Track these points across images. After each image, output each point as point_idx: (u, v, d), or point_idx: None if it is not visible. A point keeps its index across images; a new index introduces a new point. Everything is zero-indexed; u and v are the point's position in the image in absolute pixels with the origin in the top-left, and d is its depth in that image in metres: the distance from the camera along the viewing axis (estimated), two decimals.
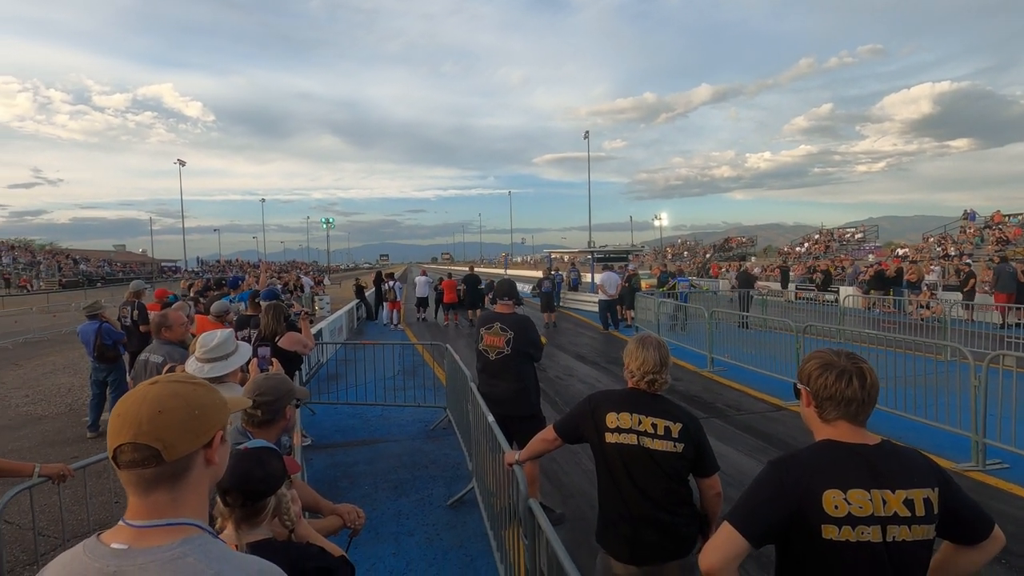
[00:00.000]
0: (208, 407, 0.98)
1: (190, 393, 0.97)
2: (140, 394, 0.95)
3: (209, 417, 0.98)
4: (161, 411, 0.92)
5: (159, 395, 0.94)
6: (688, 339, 11.00)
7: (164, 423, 0.91)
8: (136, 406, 0.93)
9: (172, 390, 0.96)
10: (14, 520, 4.08)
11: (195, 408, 0.96)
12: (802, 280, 23.20)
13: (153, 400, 0.93)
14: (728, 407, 7.02)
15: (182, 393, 0.96)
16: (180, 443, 0.92)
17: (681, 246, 61.46)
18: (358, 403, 7.32)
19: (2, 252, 48.30)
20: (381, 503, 4.49)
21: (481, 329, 4.20)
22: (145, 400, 0.93)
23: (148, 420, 0.91)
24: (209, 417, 0.98)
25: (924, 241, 31.24)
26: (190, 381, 1.01)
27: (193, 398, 0.97)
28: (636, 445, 2.18)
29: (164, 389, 0.96)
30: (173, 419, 0.92)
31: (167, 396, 0.94)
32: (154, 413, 0.91)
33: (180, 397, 0.95)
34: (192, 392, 0.98)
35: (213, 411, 0.99)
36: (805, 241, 41.61)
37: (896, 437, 5.54)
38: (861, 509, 1.33)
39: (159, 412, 0.92)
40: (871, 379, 1.44)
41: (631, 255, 23.41)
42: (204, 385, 1.02)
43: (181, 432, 0.93)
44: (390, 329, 16.01)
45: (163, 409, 0.92)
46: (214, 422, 0.99)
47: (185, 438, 0.93)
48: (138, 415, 0.91)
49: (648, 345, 2.28)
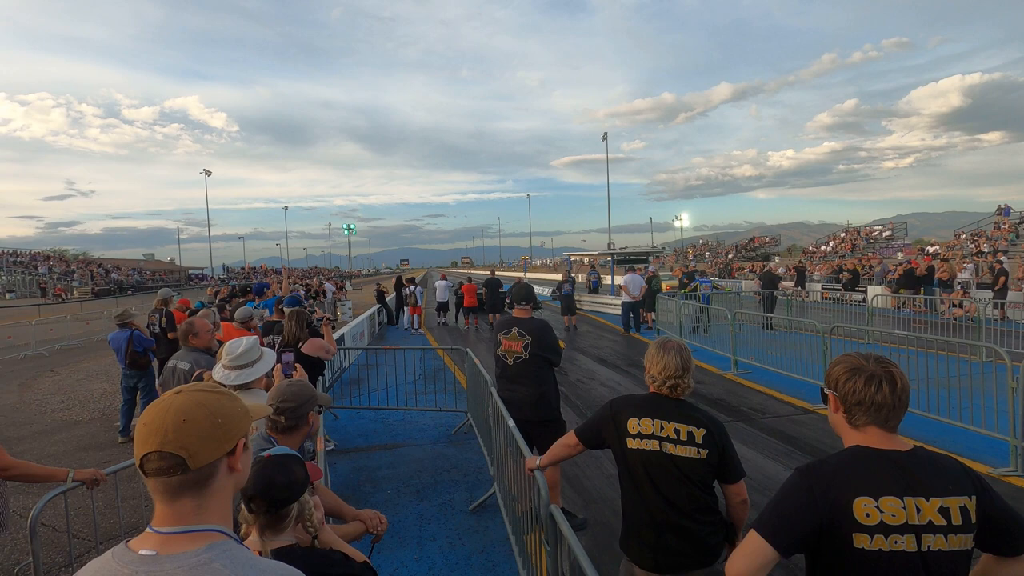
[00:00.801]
0: (231, 416, 1.01)
1: (213, 402, 1.00)
2: (166, 403, 0.97)
3: (232, 426, 1.00)
4: (186, 420, 0.94)
5: (184, 404, 0.97)
6: (711, 341, 10.84)
7: (188, 432, 0.94)
8: (162, 415, 0.95)
9: (196, 399, 0.98)
10: (50, 523, 4.21)
11: (218, 417, 0.98)
12: (828, 280, 22.73)
13: (178, 410, 0.95)
14: (753, 410, 6.90)
15: (206, 402, 0.98)
16: (204, 451, 0.95)
17: (702, 247, 60.75)
18: (380, 407, 7.37)
19: (38, 262, 50.00)
20: (403, 507, 4.51)
21: (499, 334, 4.20)
22: (170, 409, 0.95)
23: (173, 429, 0.93)
24: (232, 426, 1.00)
25: (956, 238, 30.32)
26: (213, 390, 1.03)
27: (216, 407, 0.99)
28: (659, 451, 2.15)
29: (188, 399, 0.98)
30: (197, 428, 0.95)
31: (191, 405, 0.97)
32: (179, 422, 0.94)
33: (204, 406, 0.98)
34: (216, 401, 1.00)
35: (236, 420, 1.01)
36: (831, 240, 40.75)
37: (930, 441, 5.42)
38: (894, 517, 1.29)
39: (184, 421, 0.94)
40: (902, 383, 1.39)
41: (651, 257, 23.21)
42: (227, 394, 1.04)
43: (205, 441, 0.95)
44: (411, 333, 16.12)
45: (188, 418, 0.95)
46: (237, 430, 1.01)
47: (209, 446, 0.95)
48: (164, 424, 0.94)
49: (669, 349, 2.25)
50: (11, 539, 4.13)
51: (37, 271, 46.93)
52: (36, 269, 47.48)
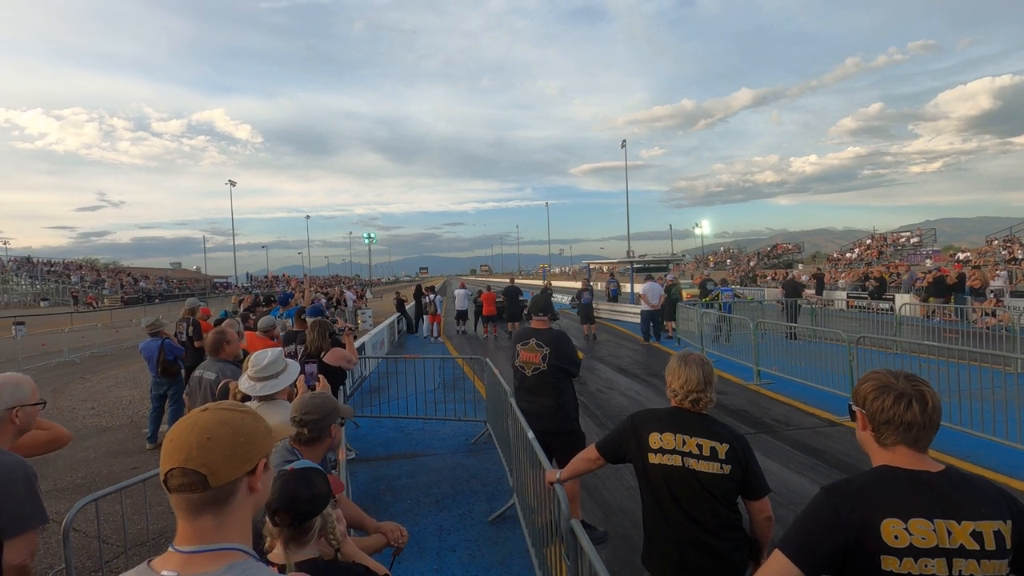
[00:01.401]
0: (253, 436, 1.03)
1: (237, 421, 1.02)
2: (192, 420, 1.00)
3: (254, 445, 1.02)
4: (210, 438, 0.97)
5: (208, 422, 0.99)
6: (733, 351, 10.69)
7: (211, 449, 0.96)
8: (187, 432, 0.98)
9: (220, 418, 1.01)
10: (80, 528, 4.32)
11: (241, 436, 1.00)
12: (854, 287, 22.25)
13: (203, 427, 0.98)
14: (777, 422, 6.77)
15: (229, 421, 1.01)
16: (225, 469, 0.97)
17: (724, 254, 60.04)
18: (400, 416, 7.42)
19: (71, 271, 51.60)
20: (423, 518, 4.53)
21: (517, 345, 4.20)
22: (195, 427, 0.99)
23: (197, 446, 0.96)
24: (254, 445, 1.02)
25: (988, 244, 29.45)
26: (239, 409, 1.06)
27: (240, 426, 1.01)
28: (681, 466, 2.12)
29: (213, 417, 1.01)
30: (220, 446, 0.97)
31: (216, 424, 0.99)
32: (203, 440, 0.97)
33: (227, 425, 1.00)
34: (240, 420, 1.03)
35: (258, 440, 1.04)
36: (856, 246, 39.93)
37: (963, 456, 5.25)
38: (924, 540, 1.26)
39: (208, 439, 0.97)
40: (932, 402, 1.36)
41: (672, 264, 22.99)
42: (251, 413, 1.07)
43: (227, 459, 0.98)
44: (430, 342, 16.20)
45: (211, 436, 0.97)
46: (259, 450, 1.03)
47: (230, 465, 0.98)
48: (188, 441, 0.97)
49: (691, 363, 2.23)
50: (43, 543, 4.25)
51: (70, 280, 48.43)
52: (69, 278, 49.02)
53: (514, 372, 4.24)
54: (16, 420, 2.10)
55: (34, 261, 53.61)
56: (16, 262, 52.23)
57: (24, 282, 47.93)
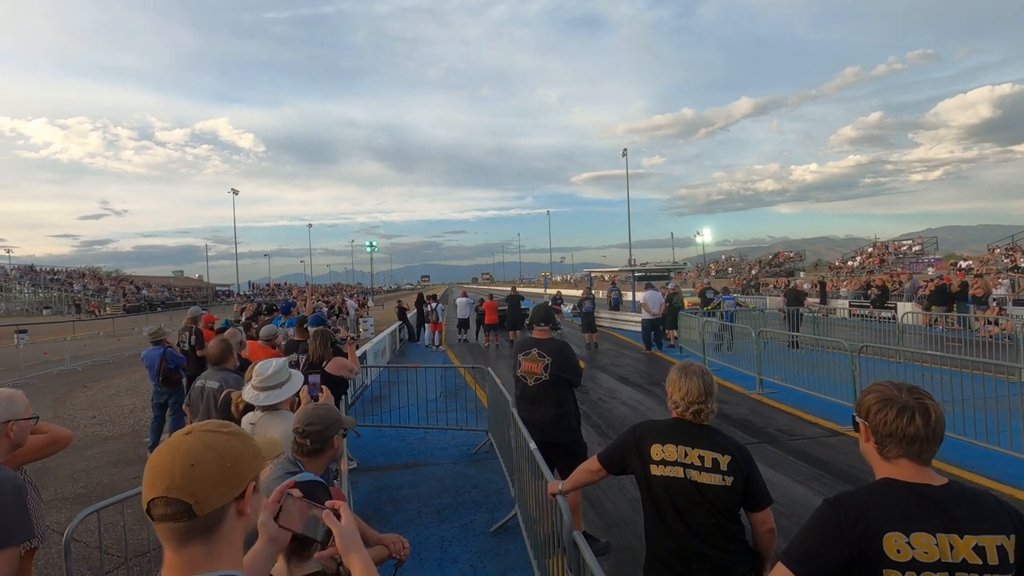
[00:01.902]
0: (241, 459, 0.97)
1: (224, 444, 0.96)
2: (174, 445, 0.94)
3: (242, 469, 0.97)
4: (194, 464, 0.91)
5: (192, 447, 0.93)
6: (735, 360, 10.67)
7: (196, 476, 0.91)
8: (170, 458, 0.92)
9: (206, 441, 0.95)
10: (81, 538, 4.30)
11: (228, 460, 0.95)
12: (856, 296, 22.22)
13: (187, 453, 0.93)
14: (780, 432, 6.75)
15: (215, 445, 0.95)
16: (212, 497, 0.92)
17: (725, 262, 60.03)
18: (401, 426, 7.41)
19: (74, 280, 51.73)
20: (424, 528, 4.51)
21: (519, 355, 4.20)
22: (179, 452, 0.93)
23: (181, 474, 0.90)
24: (242, 469, 0.97)
25: (990, 252, 29.43)
26: (224, 430, 1.00)
27: (227, 450, 0.96)
28: (683, 478, 2.12)
29: (198, 440, 0.95)
30: (206, 472, 0.92)
31: (200, 448, 0.94)
32: (187, 466, 0.91)
33: (213, 449, 0.94)
34: (226, 443, 0.97)
35: (246, 462, 0.98)
36: (858, 255, 39.93)
37: (966, 467, 5.23)
38: (926, 555, 1.26)
39: (192, 465, 0.91)
40: (936, 416, 1.36)
41: (673, 272, 22.99)
42: (238, 435, 1.01)
43: (213, 485, 0.92)
44: (432, 350, 16.20)
45: (196, 462, 0.92)
46: (247, 473, 0.98)
47: (217, 491, 0.93)
48: (171, 468, 0.91)
49: (691, 374, 2.23)
50: (44, 554, 4.24)
51: (72, 288, 48.57)
52: (71, 286, 49.16)
53: (515, 382, 4.23)
54: (11, 434, 2.11)
55: (37, 269, 53.82)
56: (19, 270, 52.43)
57: (27, 290, 48.08)
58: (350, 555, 1.24)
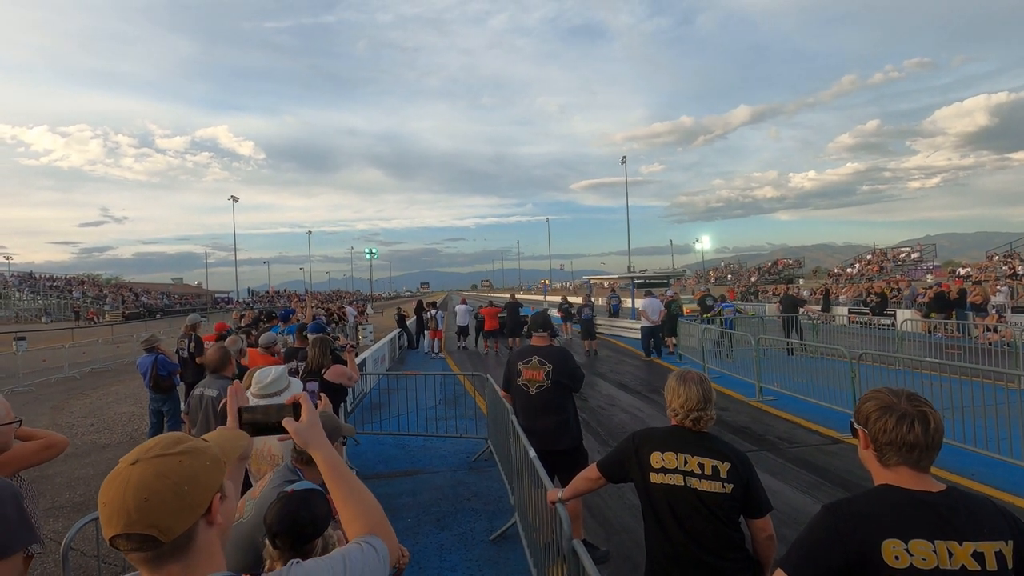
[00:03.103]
0: (198, 478, 0.93)
1: (175, 469, 0.90)
2: (122, 479, 0.88)
3: (200, 488, 0.93)
4: (147, 497, 0.86)
5: (142, 479, 0.88)
6: (734, 367, 10.66)
7: (153, 509, 0.86)
8: (120, 494, 0.87)
9: (156, 470, 0.89)
10: (78, 547, 4.28)
11: (184, 484, 0.90)
12: (855, 303, 22.24)
13: (136, 486, 0.87)
14: (779, 439, 6.73)
15: (166, 472, 0.89)
16: (175, 524, 0.89)
17: (725, 269, 60.10)
18: (400, 433, 7.39)
19: (73, 287, 51.72)
20: (424, 536, 4.49)
21: (519, 364, 4.17)
22: (128, 486, 0.87)
23: (136, 509, 0.86)
24: (200, 488, 0.93)
25: (988, 259, 29.48)
26: (174, 451, 0.93)
27: (180, 474, 0.90)
28: (683, 486, 2.12)
29: (147, 470, 0.89)
30: (162, 503, 0.87)
31: (151, 478, 0.88)
32: (140, 501, 0.86)
33: (164, 477, 0.89)
34: (177, 467, 0.91)
35: (204, 479, 0.94)
36: (856, 261, 39.99)
37: (966, 474, 5.22)
38: (924, 561, 1.26)
39: (145, 499, 0.86)
40: (935, 423, 1.36)
41: (672, 280, 22.99)
42: (190, 452, 0.94)
43: (174, 513, 0.88)
44: (431, 357, 16.17)
45: (149, 495, 0.87)
46: (207, 490, 0.94)
47: (179, 518, 0.89)
48: (124, 505, 0.86)
49: (690, 381, 2.24)
50: (41, 563, 4.22)
51: (71, 295, 48.53)
52: (71, 293, 49.11)
53: (516, 391, 4.20)
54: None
55: (36, 276, 53.78)
56: (18, 277, 52.39)
57: (26, 297, 48.03)
58: (310, 447, 1.25)
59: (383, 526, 1.20)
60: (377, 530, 1.17)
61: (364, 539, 1.12)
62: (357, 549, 1.08)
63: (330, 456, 1.24)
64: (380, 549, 1.11)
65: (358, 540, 1.11)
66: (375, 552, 1.09)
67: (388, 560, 1.12)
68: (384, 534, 1.18)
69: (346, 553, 1.06)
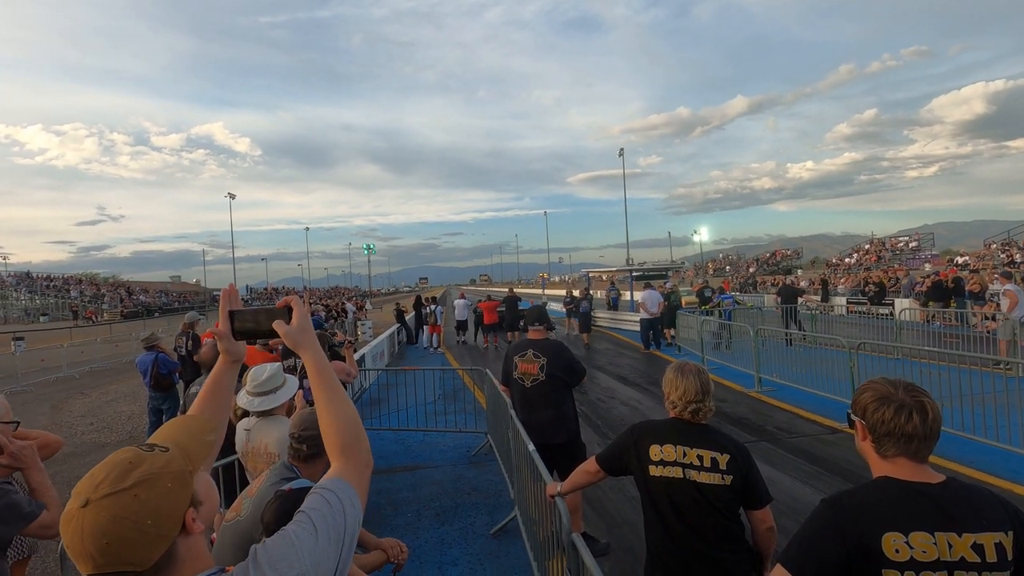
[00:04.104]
0: (160, 507, 0.83)
1: (130, 506, 0.81)
2: (76, 524, 0.80)
3: (166, 514, 0.84)
4: (108, 542, 0.79)
5: (96, 524, 0.79)
6: (733, 358, 10.67)
7: (118, 550, 0.80)
8: (79, 541, 0.79)
9: (110, 513, 0.80)
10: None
11: (146, 520, 0.81)
12: (853, 293, 22.27)
13: (92, 533, 0.79)
14: (779, 430, 6.75)
15: (121, 513, 0.80)
16: (148, 555, 0.82)
17: (723, 260, 60.12)
18: (400, 428, 7.39)
19: (71, 286, 51.59)
20: (425, 531, 4.50)
21: (515, 357, 4.17)
22: (84, 534, 0.79)
23: (100, 554, 0.79)
24: (166, 514, 0.84)
25: (986, 248, 29.53)
26: (125, 488, 0.82)
27: (137, 511, 0.81)
28: (682, 478, 2.12)
29: (100, 514, 0.80)
30: (126, 543, 0.80)
31: (107, 522, 0.79)
32: (102, 546, 0.79)
33: (121, 519, 0.80)
34: (133, 503, 0.81)
35: (168, 504, 0.84)
36: (854, 251, 40.02)
37: (965, 462, 5.23)
38: (925, 554, 1.25)
39: (107, 544, 0.79)
40: (933, 413, 1.35)
41: (671, 272, 22.99)
42: (144, 482, 0.83)
43: (142, 548, 0.81)
44: (430, 352, 16.18)
45: (109, 539, 0.79)
46: (176, 511, 0.86)
47: (151, 548, 0.82)
48: (86, 550, 0.79)
49: (688, 373, 2.23)
50: (41, 563, 4.22)
51: (69, 294, 48.42)
52: (68, 293, 49.00)
53: (513, 385, 4.21)
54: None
55: (33, 276, 53.62)
56: (16, 277, 52.24)
57: (24, 297, 47.92)
58: (300, 349, 1.22)
59: (355, 444, 1.15)
60: (348, 451, 1.13)
61: (325, 487, 1.04)
62: (321, 502, 1.00)
63: (319, 360, 1.21)
64: (343, 493, 1.04)
65: (319, 489, 1.04)
66: (339, 500, 1.01)
67: (356, 494, 1.06)
68: (354, 454, 1.14)
69: (311, 512, 0.98)
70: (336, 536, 0.97)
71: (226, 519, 1.94)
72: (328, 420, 1.17)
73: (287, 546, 0.91)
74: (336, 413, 1.17)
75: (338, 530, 0.97)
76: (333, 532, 0.96)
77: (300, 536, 0.93)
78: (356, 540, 0.99)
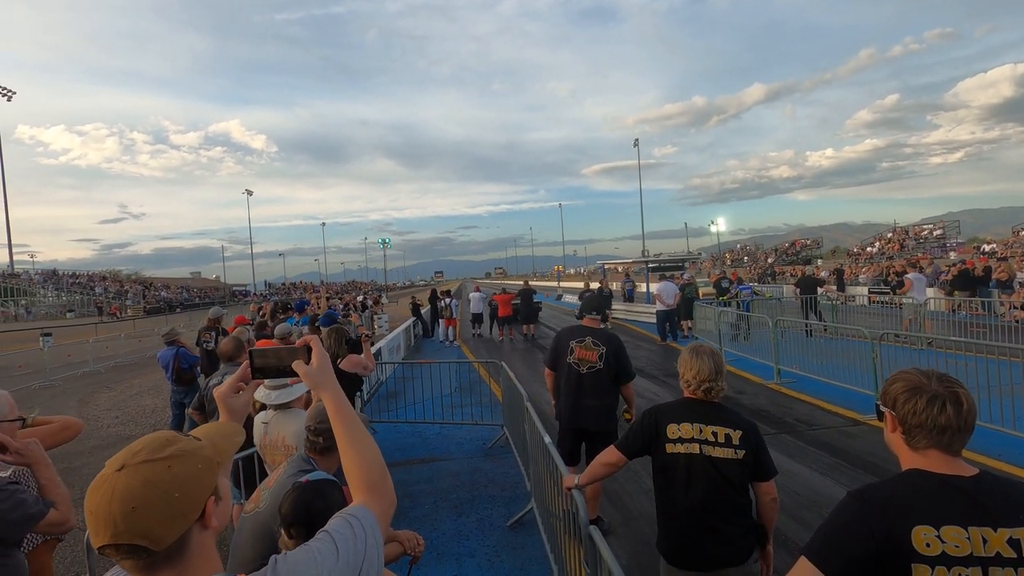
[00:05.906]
0: (189, 483, 0.87)
1: (163, 476, 0.84)
2: (108, 487, 0.83)
3: (192, 494, 0.87)
4: (135, 508, 0.81)
5: (128, 487, 0.82)
6: (752, 349, 10.53)
7: (142, 519, 0.81)
8: (106, 503, 0.81)
9: (143, 478, 0.83)
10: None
11: (174, 492, 0.84)
12: (875, 282, 21.81)
13: (122, 495, 0.81)
14: (799, 422, 6.64)
15: (154, 479, 0.83)
16: (166, 533, 0.84)
17: (741, 251, 59.36)
18: (417, 421, 7.43)
19: (95, 283, 52.76)
20: (442, 523, 4.52)
21: (571, 342, 4.11)
22: (114, 495, 0.81)
23: (123, 519, 0.80)
24: (192, 494, 0.87)
25: (1014, 235, 28.71)
26: (161, 456, 0.86)
27: (169, 481, 0.84)
28: (699, 454, 2.24)
29: (134, 478, 0.83)
30: (151, 512, 0.82)
31: (138, 487, 0.82)
32: (127, 511, 0.81)
33: (153, 485, 0.83)
34: (166, 473, 0.85)
35: (196, 484, 0.88)
36: (876, 240, 39.22)
37: (994, 455, 5.10)
38: (957, 548, 1.20)
39: (133, 509, 0.81)
40: (967, 405, 1.30)
41: (688, 263, 22.74)
42: (179, 456, 0.88)
43: (164, 522, 0.83)
44: (446, 346, 16.24)
45: (137, 504, 0.81)
46: (199, 495, 0.88)
47: (171, 526, 0.84)
48: (110, 514, 0.81)
49: (702, 354, 2.37)
50: (69, 551, 4.33)
51: (94, 291, 49.54)
52: (93, 289, 50.14)
53: (562, 369, 4.13)
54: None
55: (60, 274, 54.95)
56: (43, 275, 53.58)
57: (51, 294, 49.15)
58: (319, 390, 1.23)
59: (380, 484, 1.15)
60: (374, 489, 1.13)
61: (351, 513, 1.05)
62: (346, 526, 1.01)
63: (339, 399, 1.21)
64: (367, 523, 1.04)
65: (345, 515, 1.05)
66: (363, 528, 1.02)
67: (378, 527, 1.06)
68: (379, 492, 1.14)
69: (335, 533, 0.99)
70: (355, 562, 0.97)
71: (245, 510, 1.95)
72: (353, 460, 1.17)
73: (309, 561, 0.92)
74: (360, 452, 1.17)
75: (358, 556, 0.98)
76: (353, 557, 0.97)
77: (323, 553, 0.94)
78: (373, 573, 0.99)
